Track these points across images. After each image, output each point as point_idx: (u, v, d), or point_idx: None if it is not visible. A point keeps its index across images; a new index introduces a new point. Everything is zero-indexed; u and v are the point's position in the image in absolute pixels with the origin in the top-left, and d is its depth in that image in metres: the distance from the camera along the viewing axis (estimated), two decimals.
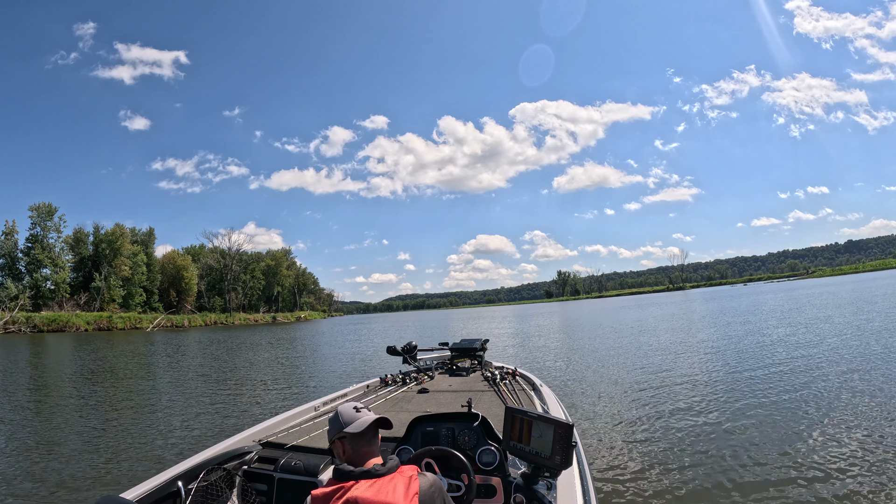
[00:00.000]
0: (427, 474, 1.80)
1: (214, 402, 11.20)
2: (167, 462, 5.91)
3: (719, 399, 8.46)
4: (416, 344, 6.22)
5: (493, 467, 2.64)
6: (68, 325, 53.69)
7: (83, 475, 6.19)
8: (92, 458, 6.94)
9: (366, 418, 1.87)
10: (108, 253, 69.80)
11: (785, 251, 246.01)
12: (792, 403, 7.72)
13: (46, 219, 66.40)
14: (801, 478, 4.87)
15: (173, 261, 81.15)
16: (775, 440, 6.08)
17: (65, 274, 66.47)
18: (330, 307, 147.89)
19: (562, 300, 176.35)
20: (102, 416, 10.07)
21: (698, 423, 7.10)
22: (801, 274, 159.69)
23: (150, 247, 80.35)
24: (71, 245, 71.15)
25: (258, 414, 9.50)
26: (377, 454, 1.86)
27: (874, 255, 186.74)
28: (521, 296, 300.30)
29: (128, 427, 8.81)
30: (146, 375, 17.57)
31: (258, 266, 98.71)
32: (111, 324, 58.07)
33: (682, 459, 5.68)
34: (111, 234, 70.84)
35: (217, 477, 2.80)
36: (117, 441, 7.85)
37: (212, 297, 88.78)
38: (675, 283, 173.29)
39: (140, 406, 11.10)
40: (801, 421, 6.78)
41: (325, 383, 13.32)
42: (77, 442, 7.88)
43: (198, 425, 8.76)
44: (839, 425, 6.42)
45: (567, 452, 2.18)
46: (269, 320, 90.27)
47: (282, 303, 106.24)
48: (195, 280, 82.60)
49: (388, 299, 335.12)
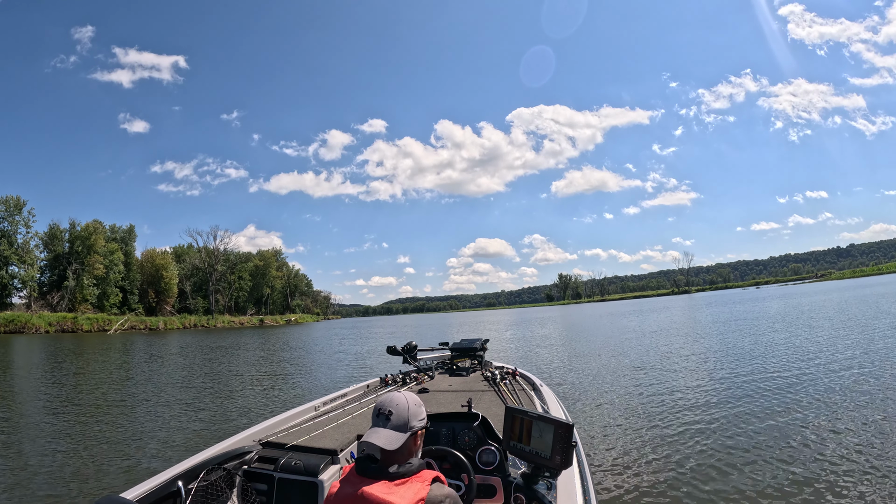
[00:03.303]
0: (444, 487, 1.73)
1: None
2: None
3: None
4: (416, 344, 6.07)
5: (493, 467, 2.65)
6: (27, 327, 49.27)
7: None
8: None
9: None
10: (81, 250, 65.67)
11: (787, 255, 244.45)
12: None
13: (15, 213, 62.13)
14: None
15: (152, 260, 76.72)
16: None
17: (33, 271, 62.16)
18: (326, 310, 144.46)
19: (563, 304, 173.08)
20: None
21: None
22: (809, 277, 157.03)
23: (130, 245, 76.22)
24: (45, 242, 67.23)
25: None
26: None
27: (876, 259, 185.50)
28: (521, 299, 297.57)
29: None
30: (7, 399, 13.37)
31: (246, 267, 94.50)
32: (76, 325, 53.57)
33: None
34: (84, 229, 66.53)
35: (217, 477, 2.75)
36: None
37: (197, 299, 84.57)
38: (680, 286, 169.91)
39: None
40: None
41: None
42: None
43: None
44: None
45: (567, 452, 2.15)
46: (257, 323, 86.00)
47: (272, 305, 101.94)
48: (175, 280, 78.00)
49: (388, 302, 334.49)
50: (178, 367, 19.12)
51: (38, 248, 66.29)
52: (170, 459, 6.45)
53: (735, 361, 12.25)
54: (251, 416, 9.32)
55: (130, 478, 5.78)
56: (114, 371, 18.18)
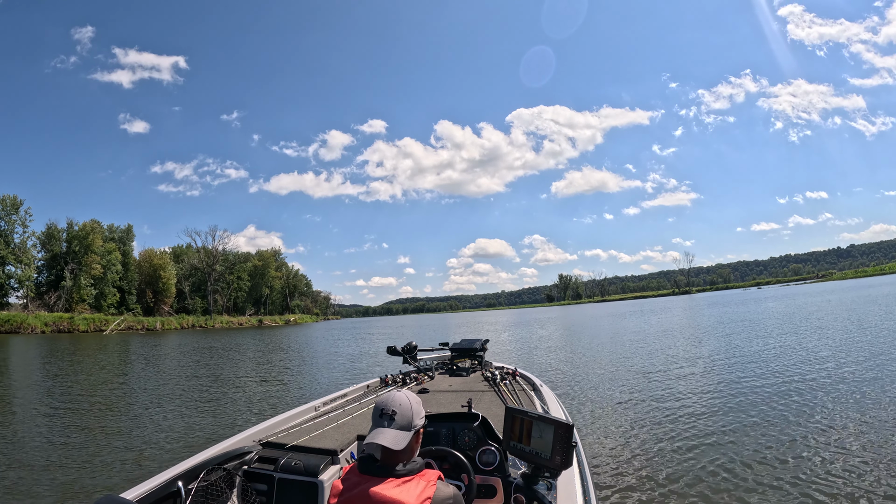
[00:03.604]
0: (449, 486, 1.75)
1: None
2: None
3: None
4: (416, 344, 6.05)
5: (493, 467, 2.64)
6: (23, 327, 48.74)
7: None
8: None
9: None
10: (78, 250, 65.16)
11: (787, 255, 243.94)
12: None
13: (12, 212, 61.61)
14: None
15: (150, 259, 76.19)
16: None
17: (30, 271, 61.67)
18: (326, 310, 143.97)
19: (563, 304, 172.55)
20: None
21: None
22: (809, 277, 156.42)
23: (128, 245, 75.72)
24: (43, 241, 66.78)
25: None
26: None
27: (877, 259, 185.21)
28: (521, 299, 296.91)
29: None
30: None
31: (244, 267, 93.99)
32: (73, 325, 52.99)
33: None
34: (82, 229, 66.01)
35: (217, 477, 2.75)
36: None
37: (195, 299, 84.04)
38: (681, 286, 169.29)
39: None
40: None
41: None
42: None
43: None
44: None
45: (567, 453, 2.14)
46: (255, 324, 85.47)
47: (271, 305, 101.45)
48: (173, 280, 77.44)
49: (389, 303, 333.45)
50: (168, 368, 18.64)
51: (35, 248, 65.97)
52: (160, 460, 6.43)
53: (742, 364, 11.93)
54: (243, 418, 8.88)
55: (128, 478, 5.72)
56: (103, 371, 17.71)
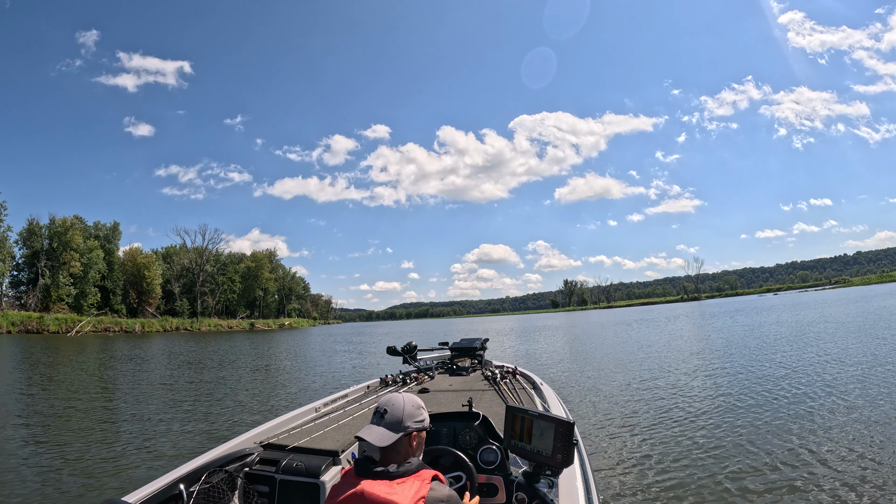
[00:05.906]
0: (444, 487, 1.73)
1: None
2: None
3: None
4: (416, 344, 6.01)
5: (494, 466, 2.65)
6: None
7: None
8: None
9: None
10: (56, 247, 61.79)
11: (793, 262, 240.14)
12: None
13: None
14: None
15: (133, 258, 72.65)
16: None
17: (4, 268, 58.24)
18: (327, 314, 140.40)
19: (569, 310, 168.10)
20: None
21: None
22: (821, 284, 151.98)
23: (114, 243, 72.20)
24: (24, 238, 63.49)
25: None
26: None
27: (883, 266, 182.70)
28: (526, 305, 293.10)
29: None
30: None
31: (237, 268, 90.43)
32: (42, 326, 49.36)
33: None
34: (61, 225, 62.56)
35: (219, 479, 2.75)
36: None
37: (184, 301, 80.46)
38: (689, 293, 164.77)
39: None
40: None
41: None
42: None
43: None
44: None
45: (568, 451, 2.15)
46: (247, 327, 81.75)
47: (265, 308, 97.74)
48: (158, 280, 73.73)
49: (393, 307, 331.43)
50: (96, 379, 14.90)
51: (16, 244, 62.82)
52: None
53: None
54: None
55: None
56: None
